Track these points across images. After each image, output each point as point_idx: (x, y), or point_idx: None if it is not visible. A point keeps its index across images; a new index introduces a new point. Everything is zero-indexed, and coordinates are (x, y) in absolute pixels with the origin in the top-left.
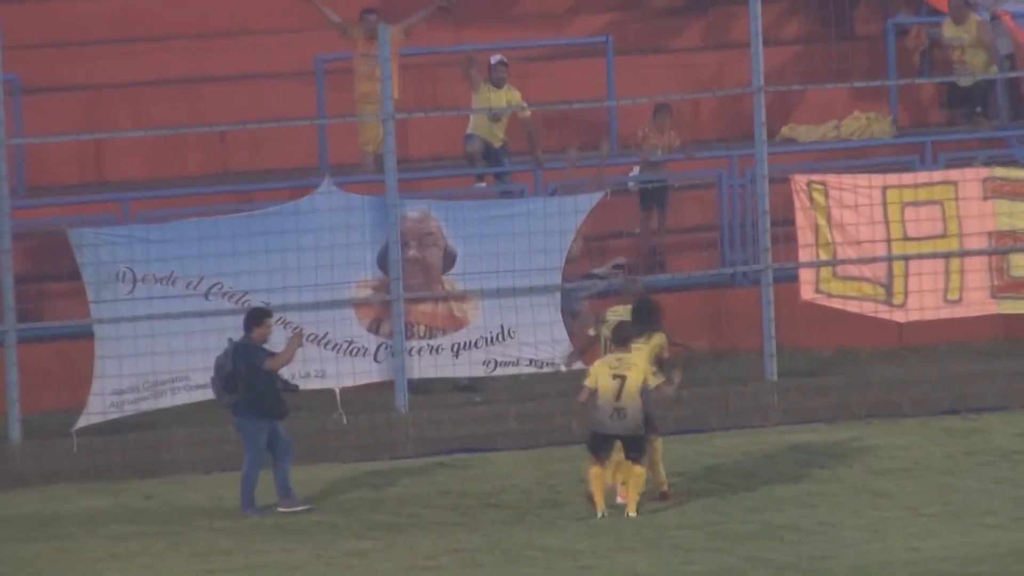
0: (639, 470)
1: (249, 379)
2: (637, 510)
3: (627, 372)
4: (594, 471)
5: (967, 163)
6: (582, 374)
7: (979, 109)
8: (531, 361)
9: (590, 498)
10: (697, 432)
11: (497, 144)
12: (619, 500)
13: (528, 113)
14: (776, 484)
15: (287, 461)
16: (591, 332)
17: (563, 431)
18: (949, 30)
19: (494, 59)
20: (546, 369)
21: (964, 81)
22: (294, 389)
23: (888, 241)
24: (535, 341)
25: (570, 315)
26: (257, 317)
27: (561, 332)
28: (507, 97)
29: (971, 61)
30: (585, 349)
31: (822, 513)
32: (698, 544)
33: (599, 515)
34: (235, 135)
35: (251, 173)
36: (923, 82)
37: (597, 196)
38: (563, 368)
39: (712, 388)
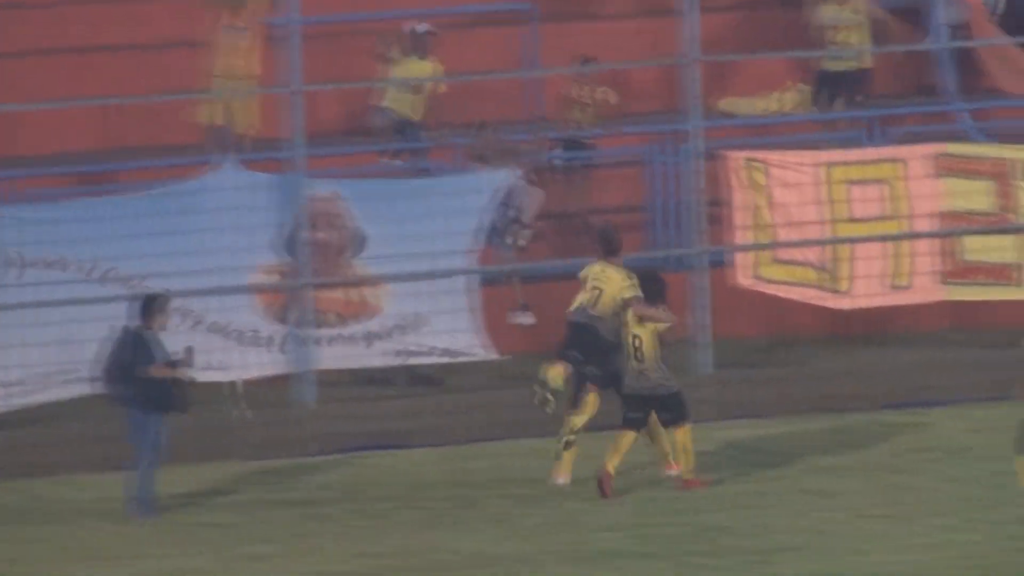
0: (590, 398)
1: (140, 370)
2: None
3: (604, 286)
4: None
5: (917, 139)
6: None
7: (858, 97)
8: (445, 351)
9: None
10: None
11: (413, 118)
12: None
13: (443, 89)
14: (711, 484)
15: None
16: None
17: (481, 426)
18: (827, 10)
19: (421, 28)
20: (461, 359)
21: (835, 64)
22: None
23: (831, 223)
24: (449, 329)
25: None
26: (159, 304)
27: (477, 319)
28: (431, 68)
29: (848, 40)
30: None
31: (760, 514)
32: (625, 549)
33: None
34: (133, 108)
35: (149, 149)
36: (871, 52)
37: (517, 173)
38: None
39: None
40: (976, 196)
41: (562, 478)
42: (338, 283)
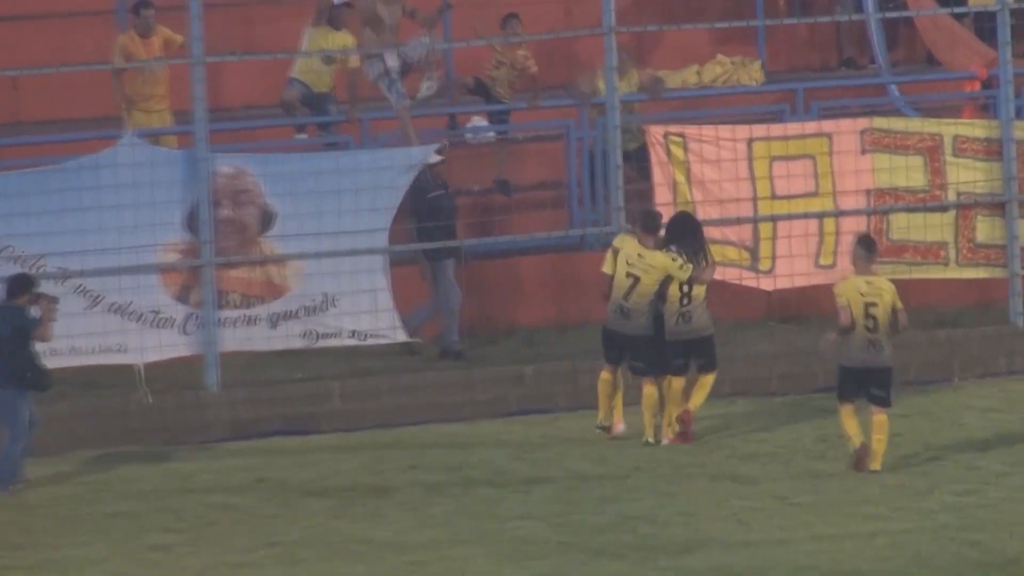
0: (647, 388)
1: (13, 346)
2: (653, 434)
3: (643, 274)
4: (602, 376)
5: (843, 113)
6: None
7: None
8: (354, 332)
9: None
10: (541, 412)
11: (323, 90)
12: (664, 440)
13: (356, 63)
14: (630, 471)
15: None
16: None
17: (393, 411)
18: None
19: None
20: (370, 341)
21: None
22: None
23: (754, 200)
24: (359, 310)
25: None
26: (28, 284)
27: (387, 300)
28: (343, 40)
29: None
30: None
31: (681, 502)
32: (542, 537)
33: (602, 425)
34: (28, 80)
35: (46, 123)
36: (794, 22)
37: (431, 148)
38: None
39: (558, 364)
40: (905, 172)
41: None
42: (243, 262)
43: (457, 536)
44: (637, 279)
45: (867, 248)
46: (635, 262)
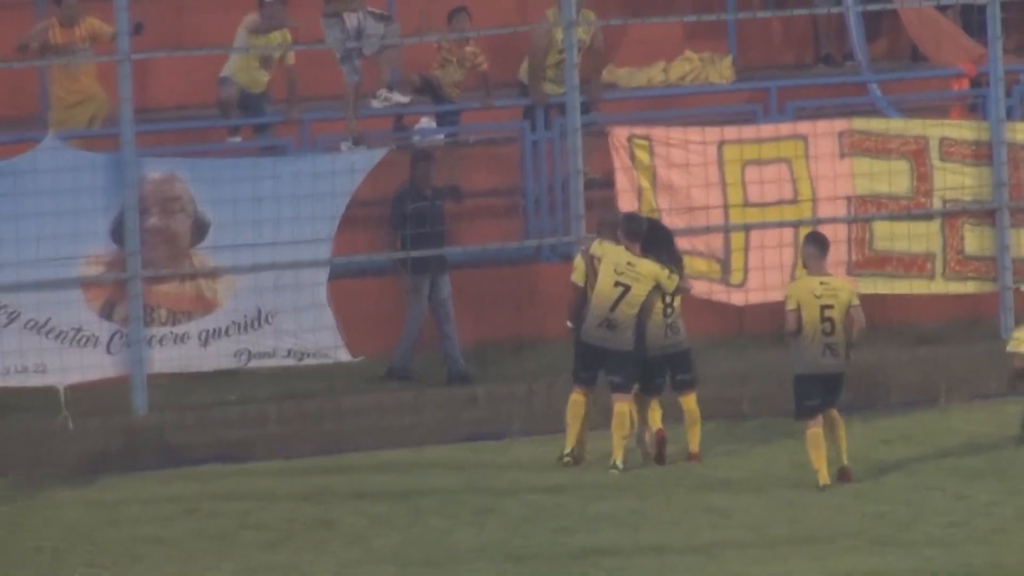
0: (621, 406)
1: None
2: (623, 459)
3: (633, 283)
4: (574, 398)
5: (820, 114)
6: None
7: None
8: (291, 352)
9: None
10: (494, 437)
11: (257, 90)
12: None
13: (292, 61)
14: (591, 500)
15: None
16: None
17: (335, 436)
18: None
19: None
20: (308, 361)
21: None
22: None
23: (725, 207)
24: (298, 328)
25: None
26: None
27: (328, 317)
28: (280, 36)
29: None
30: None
31: (647, 534)
32: (497, 571)
33: (566, 457)
34: None
35: None
36: (767, 16)
37: (378, 153)
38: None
39: (513, 385)
40: (887, 177)
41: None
42: (173, 275)
43: (405, 571)
44: (627, 288)
45: (819, 246)
46: (625, 270)
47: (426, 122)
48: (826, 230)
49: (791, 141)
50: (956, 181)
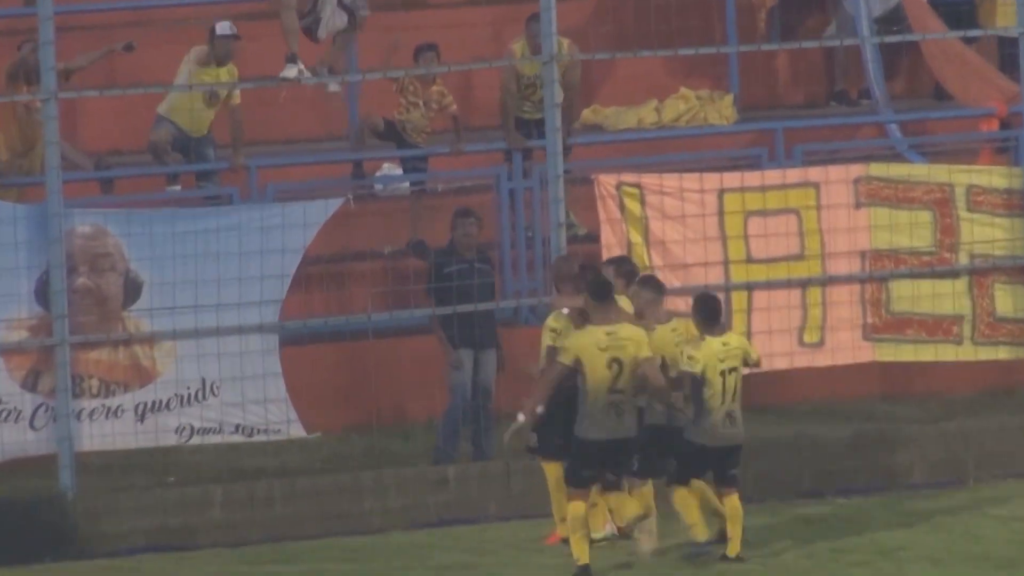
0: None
1: None
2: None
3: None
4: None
5: (833, 158)
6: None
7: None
8: (238, 427)
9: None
10: (467, 522)
11: (199, 132)
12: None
13: (238, 100)
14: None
15: None
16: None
17: (286, 521)
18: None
19: (221, 29)
20: (258, 438)
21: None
22: None
23: (725, 264)
24: (244, 400)
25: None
26: None
27: (279, 388)
28: (228, 74)
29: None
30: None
31: None
32: None
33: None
34: None
35: None
36: (773, 49)
37: (334, 204)
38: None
39: (487, 463)
40: (908, 230)
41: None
42: (104, 341)
43: None
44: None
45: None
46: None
47: (389, 168)
48: (837, 291)
49: (800, 189)
50: (985, 234)
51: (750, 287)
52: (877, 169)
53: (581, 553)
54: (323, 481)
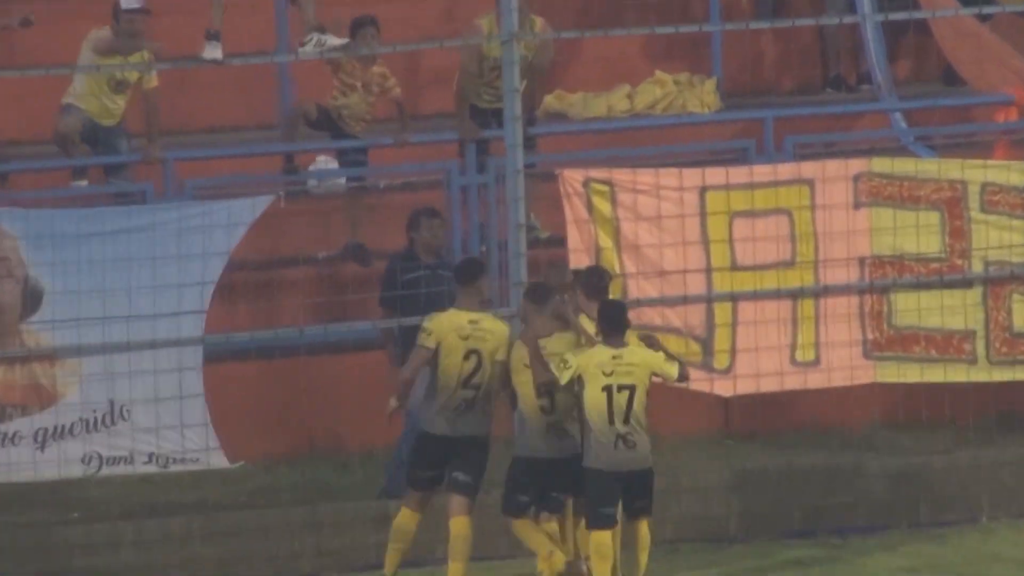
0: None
1: None
2: None
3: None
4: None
5: (830, 152)
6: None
7: None
8: (152, 456)
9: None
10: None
11: (109, 121)
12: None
13: (154, 83)
14: None
15: None
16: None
17: (207, 563)
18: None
19: (127, 3)
20: (174, 468)
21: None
22: None
23: (708, 272)
24: (159, 426)
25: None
26: None
27: (200, 411)
28: (140, 56)
29: None
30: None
31: None
32: None
33: None
34: None
35: None
36: (762, 27)
37: (262, 202)
38: None
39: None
40: (914, 233)
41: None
42: (1, 357)
43: None
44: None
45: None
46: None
47: (324, 162)
48: (835, 302)
49: (792, 187)
50: (1002, 238)
51: (735, 298)
52: (879, 164)
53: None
54: (248, 518)
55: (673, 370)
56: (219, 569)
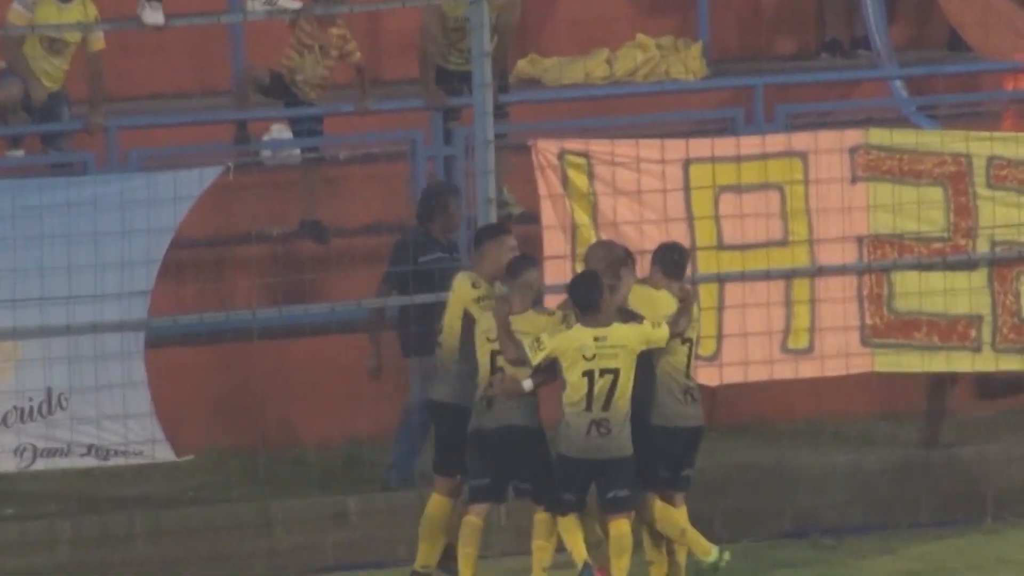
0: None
1: None
2: None
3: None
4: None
5: (824, 123)
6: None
7: None
8: (91, 448)
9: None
10: (373, 566)
11: (50, 88)
12: None
13: (100, 45)
14: None
15: None
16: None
17: (151, 563)
18: None
19: None
20: (116, 461)
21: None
22: None
23: (693, 251)
24: (100, 416)
25: None
26: None
27: (144, 400)
28: (80, 14)
29: None
30: None
31: None
32: None
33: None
34: None
35: None
36: None
37: (210, 174)
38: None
39: (398, 494)
40: (915, 211)
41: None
42: None
43: None
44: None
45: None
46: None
47: (279, 131)
48: (830, 283)
49: (784, 160)
50: (1010, 216)
51: (722, 279)
52: (878, 136)
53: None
54: (196, 515)
55: (663, 333)
56: (164, 570)
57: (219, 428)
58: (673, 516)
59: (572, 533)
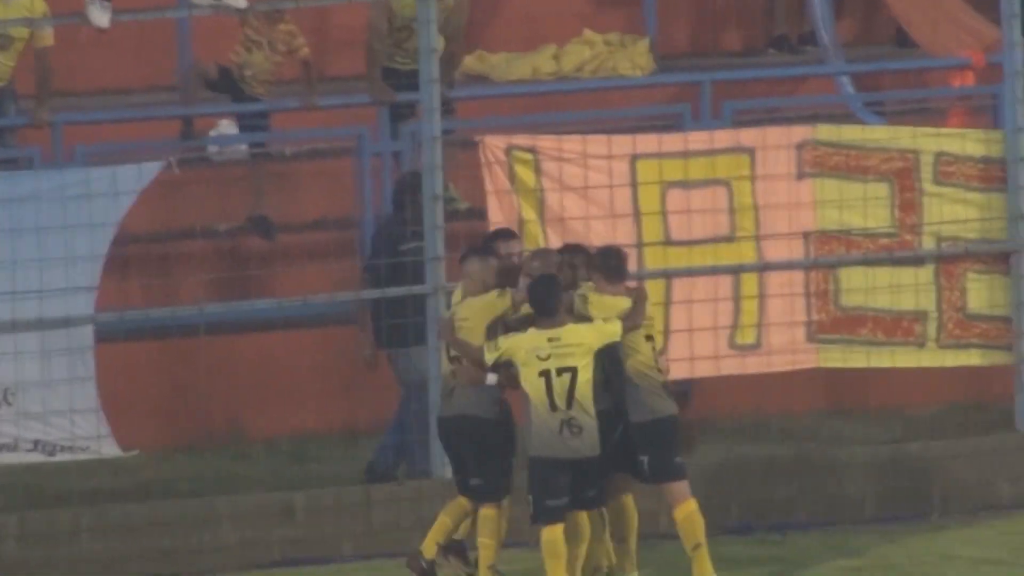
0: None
1: None
2: None
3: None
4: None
5: (771, 118)
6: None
7: None
8: (37, 444)
9: None
10: (319, 561)
11: None
12: None
13: (49, 42)
14: None
15: None
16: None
17: (97, 559)
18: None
19: None
20: (62, 456)
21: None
22: None
23: (639, 247)
24: (45, 411)
25: None
26: None
27: (90, 395)
28: (27, 9)
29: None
30: None
31: None
32: None
33: None
34: None
35: None
36: None
37: (151, 169)
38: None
39: (343, 490)
40: (862, 207)
41: None
42: None
43: None
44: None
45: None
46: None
47: (225, 127)
48: (776, 279)
49: (731, 156)
50: (957, 212)
51: (668, 275)
52: (825, 132)
53: None
54: (141, 511)
55: (616, 327)
56: (110, 566)
57: (165, 424)
58: (698, 524)
59: (555, 560)
